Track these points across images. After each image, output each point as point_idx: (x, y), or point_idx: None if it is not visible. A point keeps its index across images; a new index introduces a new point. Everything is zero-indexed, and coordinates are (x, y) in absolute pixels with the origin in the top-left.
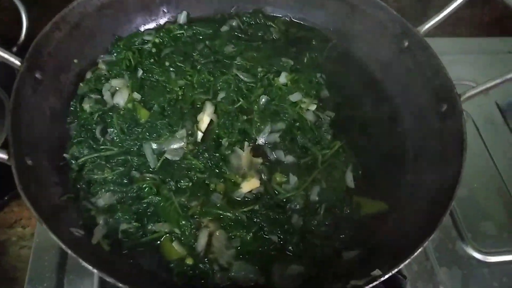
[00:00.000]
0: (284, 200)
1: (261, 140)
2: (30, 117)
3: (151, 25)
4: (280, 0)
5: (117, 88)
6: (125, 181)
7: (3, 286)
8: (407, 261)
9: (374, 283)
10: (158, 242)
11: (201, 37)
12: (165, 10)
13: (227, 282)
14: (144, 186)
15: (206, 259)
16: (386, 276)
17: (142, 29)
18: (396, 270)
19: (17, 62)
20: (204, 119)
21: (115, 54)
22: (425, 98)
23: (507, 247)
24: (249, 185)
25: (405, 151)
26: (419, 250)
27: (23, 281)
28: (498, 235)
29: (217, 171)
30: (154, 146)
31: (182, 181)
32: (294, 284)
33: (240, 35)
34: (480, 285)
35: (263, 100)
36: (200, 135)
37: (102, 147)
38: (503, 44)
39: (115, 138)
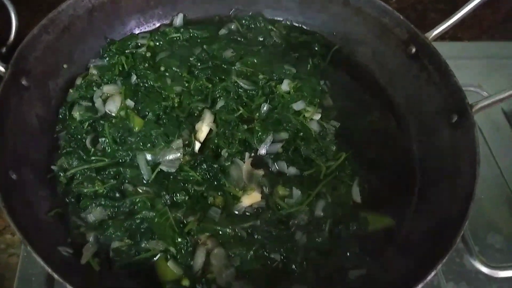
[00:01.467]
0: (287, 215)
1: (262, 151)
2: (15, 127)
3: (146, 28)
4: (280, 3)
5: (109, 95)
6: (117, 195)
7: None
8: (420, 286)
9: None
10: (153, 260)
11: (198, 41)
12: (160, 12)
13: None
14: (137, 200)
15: (203, 280)
16: None
17: (136, 32)
18: None
19: (1, 69)
20: (203, 129)
21: (107, 59)
22: (433, 108)
23: None
24: (250, 199)
25: (413, 163)
26: (432, 274)
27: None
28: (507, 248)
29: (216, 183)
30: (149, 157)
31: (178, 194)
32: None
33: (239, 39)
34: None
35: (265, 108)
36: (198, 145)
37: (93, 158)
38: (507, 49)
39: (106, 148)
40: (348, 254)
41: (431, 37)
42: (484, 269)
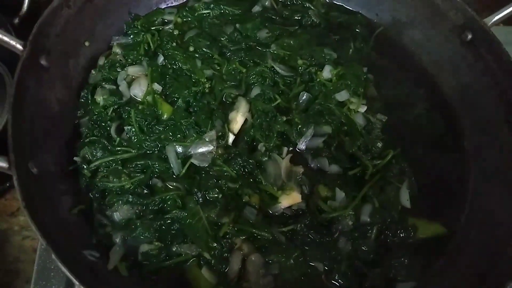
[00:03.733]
0: (330, 219)
1: (302, 146)
2: (34, 112)
3: (173, 2)
4: None
5: (134, 77)
6: (145, 191)
7: (6, 279)
8: None
9: None
10: (185, 266)
11: (230, 18)
12: None
13: None
14: (167, 197)
15: None
16: None
17: (162, 6)
18: None
19: (19, 47)
20: (238, 119)
21: (131, 36)
22: (491, 103)
23: None
24: (290, 199)
25: (467, 163)
26: None
27: (27, 272)
28: None
29: (251, 180)
30: (179, 149)
31: (210, 192)
32: None
33: (274, 17)
34: None
35: (304, 97)
36: (232, 137)
37: (118, 148)
38: None
39: (132, 138)
40: (396, 264)
41: (491, 23)
42: None
